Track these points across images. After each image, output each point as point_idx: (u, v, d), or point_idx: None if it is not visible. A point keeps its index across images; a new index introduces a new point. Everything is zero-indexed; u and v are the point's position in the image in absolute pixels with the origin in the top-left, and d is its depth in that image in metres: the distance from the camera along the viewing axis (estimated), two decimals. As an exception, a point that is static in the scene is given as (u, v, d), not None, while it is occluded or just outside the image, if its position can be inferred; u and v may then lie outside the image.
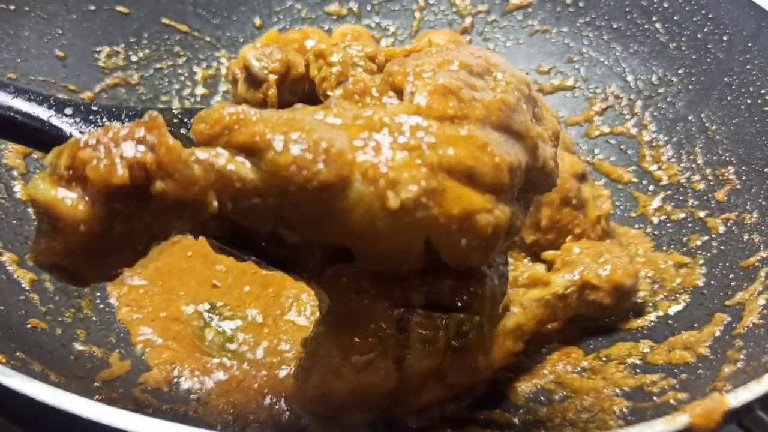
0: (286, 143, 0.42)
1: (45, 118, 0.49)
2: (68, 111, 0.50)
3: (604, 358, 0.77)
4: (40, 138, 0.49)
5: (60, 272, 0.41)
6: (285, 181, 0.42)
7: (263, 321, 0.82)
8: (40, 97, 0.50)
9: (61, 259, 0.40)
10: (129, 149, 0.39)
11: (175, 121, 0.53)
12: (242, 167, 0.42)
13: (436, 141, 0.44)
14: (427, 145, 0.44)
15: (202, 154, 0.42)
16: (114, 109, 0.52)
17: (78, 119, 0.50)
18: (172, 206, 0.40)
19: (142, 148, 0.39)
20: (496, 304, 0.53)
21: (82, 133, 0.48)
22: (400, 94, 0.49)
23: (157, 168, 0.39)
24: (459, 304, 0.49)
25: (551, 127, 0.53)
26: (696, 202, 0.91)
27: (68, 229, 0.38)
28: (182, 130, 0.52)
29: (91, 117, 0.51)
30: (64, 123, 0.50)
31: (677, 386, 0.67)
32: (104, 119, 0.51)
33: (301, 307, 0.84)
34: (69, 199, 0.38)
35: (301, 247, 0.47)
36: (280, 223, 0.44)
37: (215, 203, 0.41)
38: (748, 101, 0.91)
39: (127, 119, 0.52)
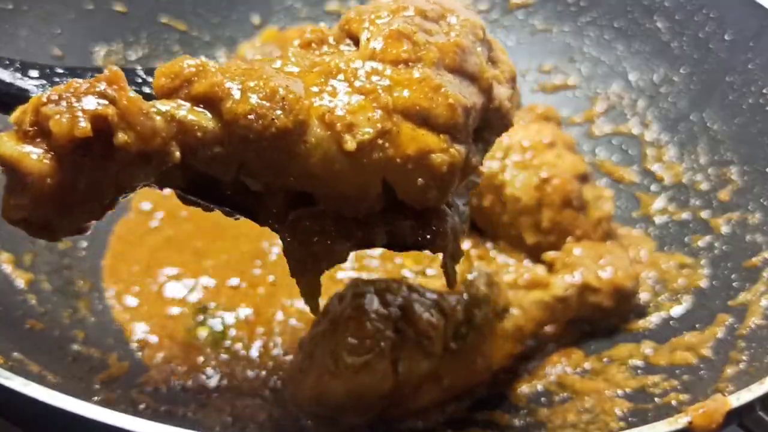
0: (243, 92, 0.43)
1: (11, 81, 0.50)
2: (34, 73, 0.51)
3: (605, 360, 0.77)
4: (7, 101, 0.49)
5: (30, 227, 0.42)
6: (244, 129, 0.43)
7: (255, 320, 0.81)
8: (6, 62, 0.51)
9: (30, 213, 0.41)
10: (90, 103, 0.40)
11: (138, 80, 0.54)
12: (203, 117, 0.43)
13: (390, 84, 0.46)
14: (382, 88, 0.45)
15: (162, 105, 0.43)
16: (79, 71, 0.54)
17: (44, 81, 0.51)
18: (136, 157, 0.41)
19: (103, 101, 0.40)
20: (458, 241, 0.54)
21: None
22: (356, 41, 0.50)
23: (119, 120, 0.40)
24: (421, 242, 0.51)
25: (507, 70, 0.55)
26: (698, 202, 0.91)
27: (35, 183, 0.39)
28: (146, 89, 0.52)
29: (57, 78, 0.52)
30: (29, 85, 0.50)
31: (679, 387, 0.67)
32: (69, 80, 0.52)
33: (294, 306, 0.84)
34: (34, 153, 0.39)
35: (264, 194, 0.48)
36: (242, 171, 0.46)
37: (177, 153, 0.43)
38: (750, 101, 0.91)
39: (92, 77, 0.53)
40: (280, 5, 1.16)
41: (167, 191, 0.48)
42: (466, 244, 0.93)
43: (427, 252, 0.53)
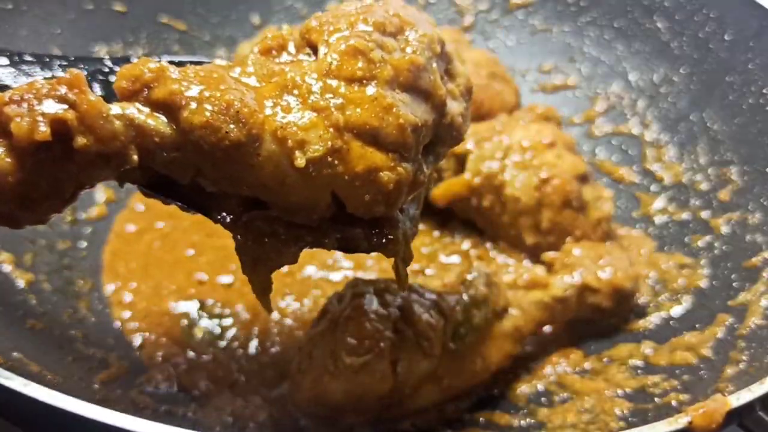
0: (200, 103, 0.44)
1: None
2: (3, 61, 0.53)
3: (605, 360, 0.77)
4: None
5: None
6: (199, 139, 0.44)
7: (252, 319, 0.81)
8: None
9: None
10: (50, 107, 0.41)
11: (105, 70, 0.55)
12: (161, 123, 0.45)
13: (343, 102, 0.47)
14: (335, 106, 0.47)
15: (121, 110, 0.44)
16: (47, 59, 0.55)
17: (12, 69, 0.53)
18: (96, 158, 0.43)
19: (63, 105, 0.41)
20: (409, 245, 0.56)
21: (15, 82, 0.51)
22: (316, 50, 0.51)
23: (79, 124, 0.41)
24: (374, 247, 0.53)
25: (464, 83, 0.56)
26: (698, 202, 0.91)
27: None
28: (112, 78, 0.54)
29: (25, 66, 0.53)
30: None
31: (679, 387, 0.67)
32: (37, 69, 0.54)
33: (290, 306, 0.84)
34: None
35: (219, 195, 0.50)
36: (198, 175, 0.47)
37: (135, 156, 0.44)
38: (750, 101, 0.91)
39: (59, 69, 0.55)
40: (280, 5, 1.16)
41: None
42: (465, 245, 0.93)
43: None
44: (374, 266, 0.89)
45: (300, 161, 0.46)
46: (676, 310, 0.80)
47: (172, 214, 0.94)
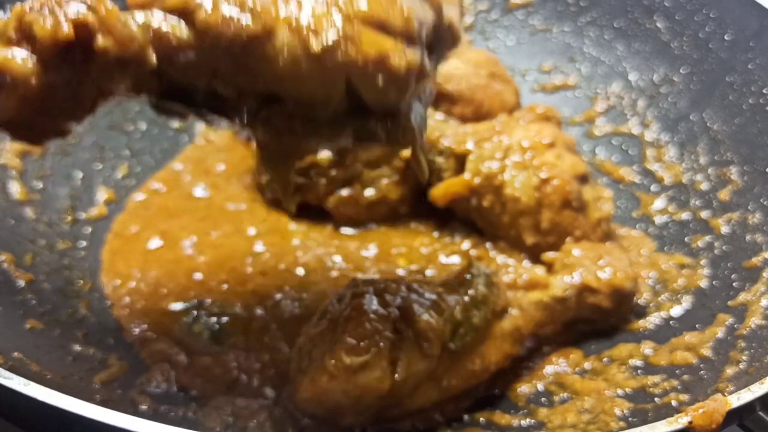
0: (215, 3, 0.47)
1: None
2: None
3: (605, 359, 0.77)
4: None
5: (15, 128, 0.45)
6: (217, 36, 0.46)
7: (251, 318, 0.81)
8: None
9: (15, 114, 0.44)
10: (72, 9, 0.43)
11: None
12: (177, 27, 0.47)
13: None
14: (344, 1, 0.49)
15: (139, 15, 0.46)
16: None
17: None
18: (115, 62, 0.45)
19: (83, 8, 0.43)
20: (423, 137, 0.59)
21: None
22: None
23: (99, 26, 0.43)
24: (392, 137, 0.56)
25: None
26: (699, 202, 0.91)
27: (20, 83, 0.42)
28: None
29: None
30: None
31: (679, 387, 0.67)
32: None
33: (290, 306, 0.84)
34: (19, 57, 0.42)
35: (234, 100, 0.52)
36: (215, 76, 0.49)
37: (154, 58, 0.46)
38: (750, 101, 0.91)
39: None
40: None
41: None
42: (465, 245, 0.93)
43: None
44: (374, 266, 0.89)
45: (315, 47, 0.47)
46: (676, 310, 0.80)
47: (172, 214, 0.94)
